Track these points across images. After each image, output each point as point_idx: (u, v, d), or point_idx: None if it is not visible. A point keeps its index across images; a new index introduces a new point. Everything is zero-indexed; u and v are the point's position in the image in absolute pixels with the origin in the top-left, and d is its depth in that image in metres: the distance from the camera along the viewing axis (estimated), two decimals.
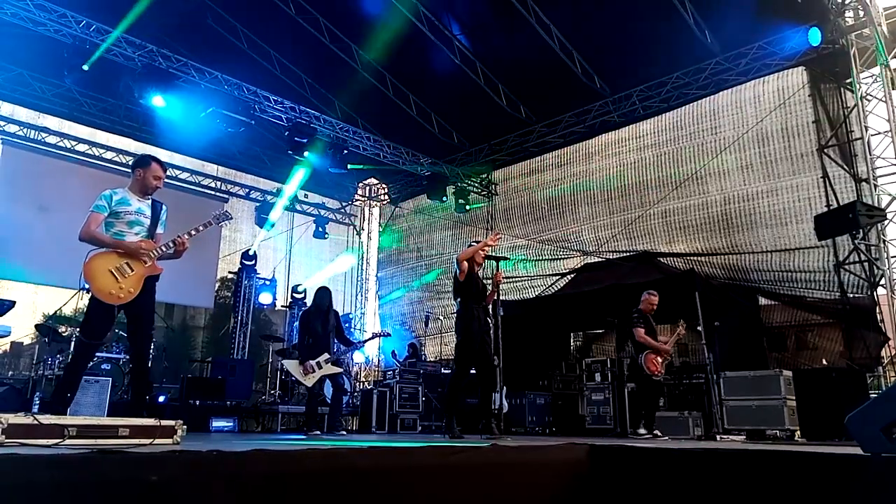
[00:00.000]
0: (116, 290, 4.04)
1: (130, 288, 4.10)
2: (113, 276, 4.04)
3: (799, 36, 8.85)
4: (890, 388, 2.96)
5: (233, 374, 9.94)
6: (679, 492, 3.01)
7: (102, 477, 1.87)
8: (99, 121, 11.73)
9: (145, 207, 4.40)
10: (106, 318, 4.13)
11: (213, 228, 4.97)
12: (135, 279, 4.13)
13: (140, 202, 4.38)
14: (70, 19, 8.73)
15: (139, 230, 4.30)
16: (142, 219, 4.34)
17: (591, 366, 9.81)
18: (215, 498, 2.02)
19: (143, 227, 4.33)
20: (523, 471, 3.15)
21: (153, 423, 2.95)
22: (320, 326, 7.05)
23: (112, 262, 4.08)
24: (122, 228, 4.24)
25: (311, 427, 6.85)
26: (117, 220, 4.24)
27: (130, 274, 4.11)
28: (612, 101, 11.07)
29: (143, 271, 4.18)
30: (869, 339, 8.61)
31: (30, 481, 1.74)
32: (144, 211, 4.38)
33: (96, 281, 4.00)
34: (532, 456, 3.33)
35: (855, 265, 8.93)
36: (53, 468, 1.83)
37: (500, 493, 2.97)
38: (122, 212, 4.25)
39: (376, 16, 10.37)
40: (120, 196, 4.30)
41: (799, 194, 9.52)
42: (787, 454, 2.77)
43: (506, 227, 13.39)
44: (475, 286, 5.69)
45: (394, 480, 2.62)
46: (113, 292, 4.02)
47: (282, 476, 2.23)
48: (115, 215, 4.23)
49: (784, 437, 7.43)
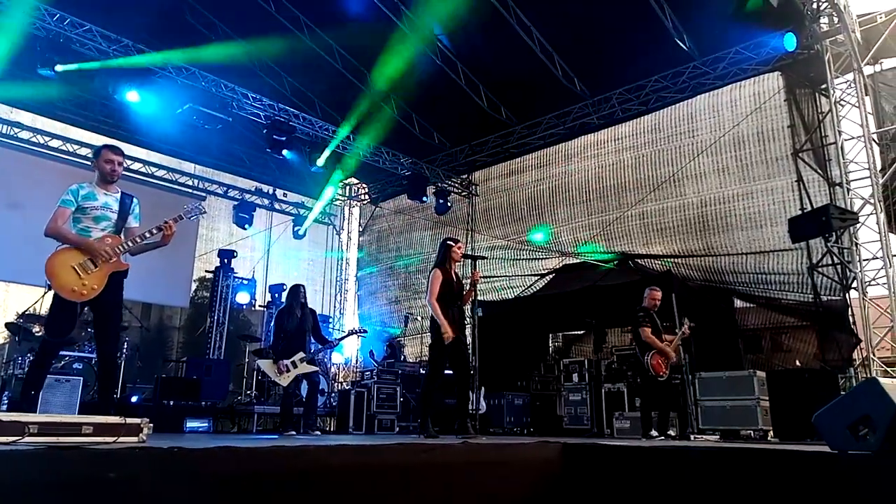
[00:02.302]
0: (79, 286, 3.94)
1: (94, 285, 4.00)
2: (76, 273, 3.95)
3: (775, 41, 8.95)
4: (856, 388, 3.00)
5: (208, 375, 9.83)
6: (650, 489, 3.02)
7: (58, 474, 1.82)
8: (73, 116, 11.53)
9: (112, 201, 4.31)
10: (69, 315, 4.03)
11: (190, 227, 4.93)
12: (99, 276, 4.04)
13: (107, 196, 4.30)
14: (43, 12, 8.58)
15: (105, 225, 4.22)
16: (108, 213, 4.25)
17: (569, 366, 9.85)
18: (177, 496, 1.98)
19: (109, 222, 4.24)
20: (496, 469, 3.14)
21: (118, 421, 2.89)
22: (295, 325, 6.98)
23: (75, 258, 3.98)
24: (88, 224, 4.17)
25: (287, 427, 6.78)
26: (84, 216, 4.17)
27: (94, 270, 4.02)
28: (591, 104, 11.13)
29: (107, 268, 4.08)
30: (841, 340, 8.74)
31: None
32: (111, 205, 4.29)
33: (58, 278, 3.92)
34: (505, 454, 3.33)
35: (828, 268, 9.06)
36: (6, 465, 1.78)
37: (473, 491, 2.96)
38: (89, 207, 4.18)
39: (357, 14, 10.31)
40: (87, 191, 4.23)
41: (774, 197, 9.65)
42: (756, 451, 2.79)
43: (485, 228, 13.41)
44: (450, 287, 5.66)
45: (364, 479, 2.59)
46: (75, 289, 3.93)
47: (246, 474, 2.19)
48: (81, 210, 4.16)
49: (757, 437, 7.51)
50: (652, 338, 6.85)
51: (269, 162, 13.33)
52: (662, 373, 6.81)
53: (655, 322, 7.01)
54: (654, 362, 6.77)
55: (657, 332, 6.95)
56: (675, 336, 7.10)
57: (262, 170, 14.14)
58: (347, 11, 10.36)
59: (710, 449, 3.08)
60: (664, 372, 6.82)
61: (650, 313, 7.02)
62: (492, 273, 12.61)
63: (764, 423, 7.54)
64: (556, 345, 12.56)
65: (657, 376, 6.78)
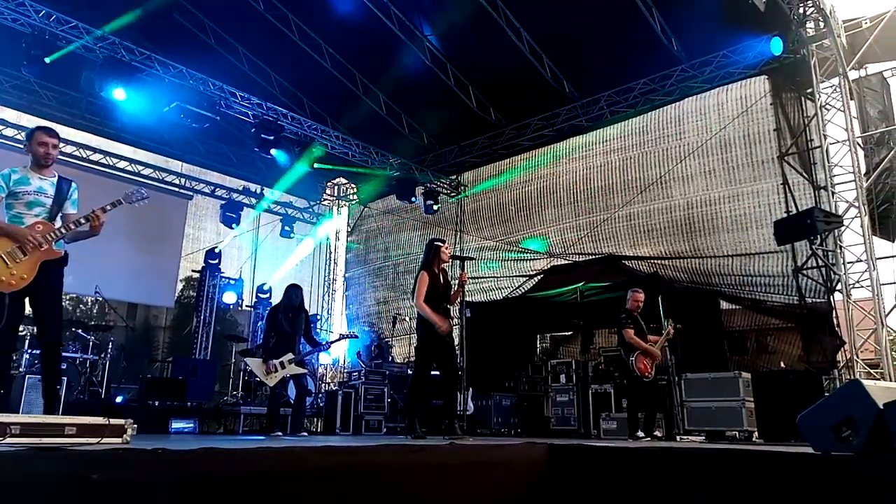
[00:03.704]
0: (7, 276, 3.77)
1: (23, 274, 3.83)
2: (3, 262, 3.76)
3: (762, 45, 9.01)
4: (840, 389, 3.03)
5: (194, 375, 9.75)
6: (637, 490, 3.03)
7: (41, 476, 1.80)
8: (59, 114, 11.39)
9: (48, 186, 4.13)
10: (1, 306, 3.81)
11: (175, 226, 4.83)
12: (28, 265, 3.85)
13: (42, 181, 4.12)
14: (28, 8, 8.49)
15: (39, 211, 4.05)
16: (42, 198, 4.08)
17: (557, 367, 9.88)
18: (160, 498, 1.96)
19: (43, 208, 4.07)
20: (483, 470, 3.14)
21: (101, 422, 2.86)
22: (288, 325, 6.93)
23: (2, 246, 3.80)
24: (20, 210, 4.00)
25: (273, 428, 6.75)
26: (16, 202, 4.00)
27: (23, 259, 3.83)
28: (580, 106, 11.16)
29: (37, 255, 3.89)
30: (826, 342, 8.81)
31: None
32: (45, 190, 4.11)
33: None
34: (491, 455, 3.33)
35: (813, 270, 9.14)
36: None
37: (460, 492, 2.96)
38: (21, 192, 4.01)
39: (347, 14, 10.29)
40: (19, 175, 4.06)
41: (759, 200, 9.72)
42: (741, 453, 2.81)
43: (474, 229, 13.42)
44: (436, 289, 5.66)
45: (352, 480, 2.58)
46: (3, 279, 3.75)
47: (233, 476, 2.18)
48: (13, 196, 4.00)
49: (742, 438, 7.56)
50: (636, 339, 6.89)
51: (257, 161, 13.26)
52: (648, 374, 6.84)
53: (639, 323, 7.05)
54: (640, 363, 6.80)
55: (641, 334, 6.99)
56: (660, 337, 7.14)
57: (250, 169, 14.06)
58: (337, 11, 10.33)
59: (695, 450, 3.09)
60: (649, 373, 6.86)
61: (633, 315, 7.07)
62: (480, 274, 12.63)
63: (749, 424, 7.60)
64: (544, 346, 12.59)
65: (642, 377, 6.81)
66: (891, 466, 2.31)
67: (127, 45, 9.42)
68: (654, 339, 7.07)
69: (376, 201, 15.26)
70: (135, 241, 11.90)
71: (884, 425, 2.42)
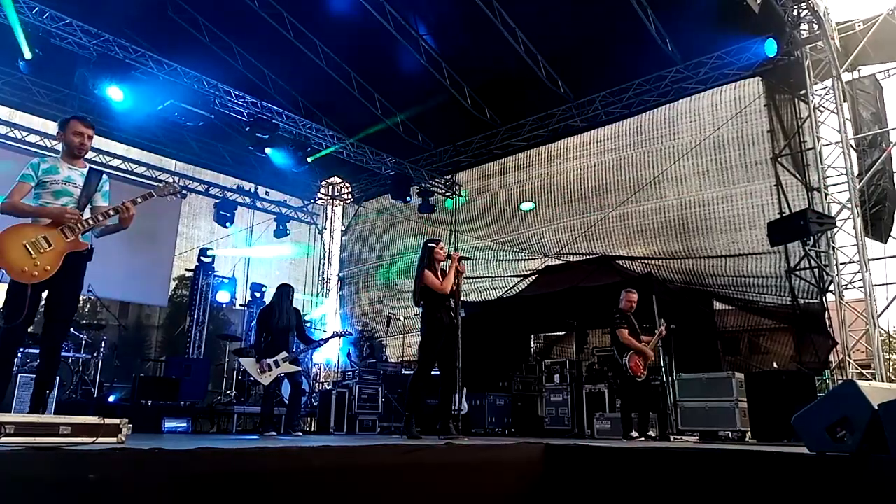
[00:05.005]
0: (30, 267, 3.57)
1: (47, 265, 3.63)
2: (27, 252, 3.57)
3: (756, 47, 9.04)
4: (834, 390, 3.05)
5: (187, 374, 9.72)
6: (632, 489, 3.04)
7: (36, 475, 1.79)
8: (52, 111, 11.31)
9: (77, 176, 4.00)
10: (23, 298, 3.63)
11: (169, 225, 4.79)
12: (52, 255, 3.66)
13: (71, 170, 4.00)
14: (22, 5, 8.43)
15: (67, 200, 3.90)
16: (70, 188, 3.94)
17: (551, 367, 9.89)
18: (157, 497, 1.95)
19: (71, 198, 3.93)
20: (479, 470, 3.14)
21: (97, 422, 2.85)
22: (280, 324, 6.92)
23: (27, 235, 3.63)
24: (48, 199, 3.87)
25: (267, 428, 6.73)
26: (44, 191, 3.88)
27: (47, 249, 3.64)
28: (575, 106, 11.18)
29: (63, 247, 3.70)
30: (818, 343, 8.87)
31: None
32: (74, 179, 3.99)
33: (6, 256, 3.55)
34: (487, 455, 3.33)
35: (805, 271, 9.19)
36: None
37: (456, 492, 2.96)
38: (49, 181, 3.89)
39: (342, 13, 10.27)
40: (48, 164, 3.95)
41: (753, 201, 9.76)
42: (736, 453, 2.82)
43: (468, 229, 13.42)
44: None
45: (347, 480, 2.58)
46: (26, 269, 3.57)
47: (228, 475, 2.17)
48: (41, 185, 3.88)
49: (735, 438, 7.60)
50: (629, 339, 6.91)
51: (251, 159, 13.22)
52: (640, 373, 6.88)
53: (633, 323, 7.08)
54: (633, 363, 6.84)
55: (635, 334, 7.02)
56: (653, 337, 7.18)
57: (244, 167, 14.02)
58: (332, 9, 10.31)
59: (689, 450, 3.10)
60: (642, 373, 6.90)
61: (627, 315, 7.09)
62: (475, 274, 12.63)
63: (742, 424, 7.64)
64: (538, 346, 12.61)
65: (635, 377, 6.84)
66: (885, 467, 2.33)
67: (121, 43, 9.37)
68: (647, 340, 7.11)
69: (370, 201, 15.25)
70: (128, 240, 11.77)
71: (878, 426, 2.44)
